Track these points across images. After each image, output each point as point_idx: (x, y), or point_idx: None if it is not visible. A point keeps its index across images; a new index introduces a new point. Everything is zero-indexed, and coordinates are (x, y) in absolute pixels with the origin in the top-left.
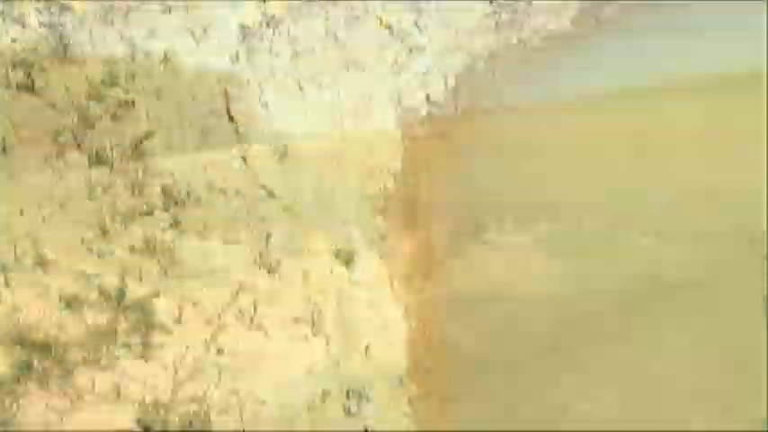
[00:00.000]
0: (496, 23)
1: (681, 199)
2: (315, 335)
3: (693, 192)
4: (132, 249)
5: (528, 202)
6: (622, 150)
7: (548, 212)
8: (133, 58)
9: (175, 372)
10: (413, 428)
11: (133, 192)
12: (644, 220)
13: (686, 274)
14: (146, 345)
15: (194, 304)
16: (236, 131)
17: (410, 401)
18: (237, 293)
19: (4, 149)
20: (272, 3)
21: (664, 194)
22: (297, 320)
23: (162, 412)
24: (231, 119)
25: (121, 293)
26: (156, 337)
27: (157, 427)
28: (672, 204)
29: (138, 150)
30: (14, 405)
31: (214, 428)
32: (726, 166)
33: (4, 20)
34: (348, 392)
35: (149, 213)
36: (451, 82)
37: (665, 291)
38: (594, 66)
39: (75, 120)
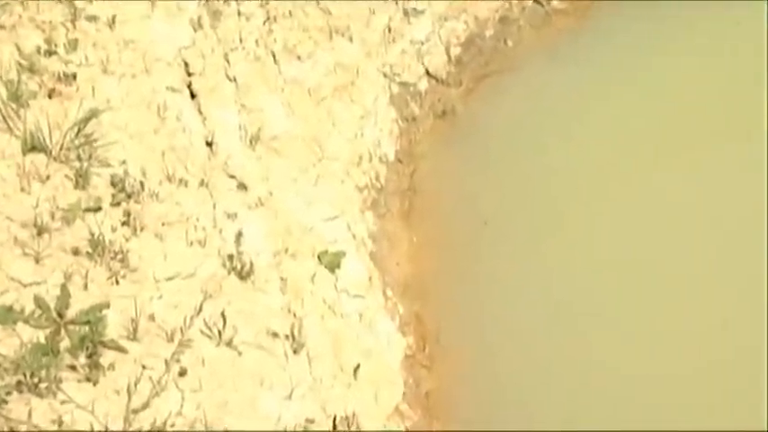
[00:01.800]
0: None
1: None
2: (295, 352)
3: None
4: (76, 252)
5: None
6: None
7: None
8: (74, 24)
9: (129, 397)
10: None
11: (77, 183)
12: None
13: None
14: (94, 365)
15: (151, 317)
16: (199, 111)
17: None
18: (203, 304)
19: None
20: None
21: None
22: (274, 335)
23: None
24: (193, 95)
25: (64, 304)
26: (107, 357)
27: None
28: None
29: (81, 134)
30: None
31: None
32: None
33: None
34: (335, 420)
35: (96, 209)
36: (455, 52)
37: None
38: (620, 32)
39: (5, 97)
